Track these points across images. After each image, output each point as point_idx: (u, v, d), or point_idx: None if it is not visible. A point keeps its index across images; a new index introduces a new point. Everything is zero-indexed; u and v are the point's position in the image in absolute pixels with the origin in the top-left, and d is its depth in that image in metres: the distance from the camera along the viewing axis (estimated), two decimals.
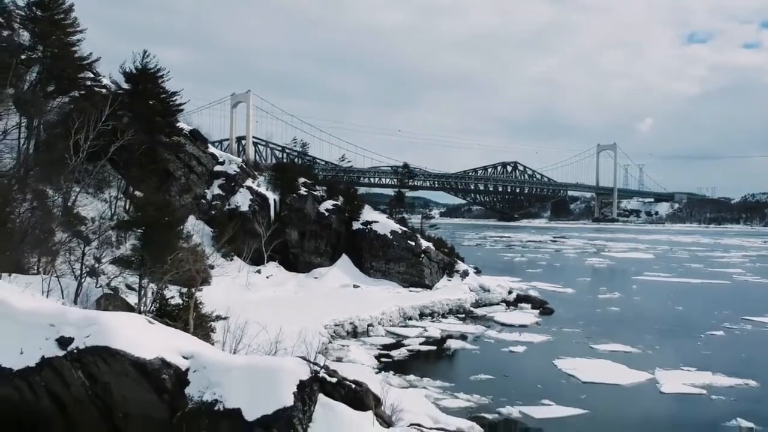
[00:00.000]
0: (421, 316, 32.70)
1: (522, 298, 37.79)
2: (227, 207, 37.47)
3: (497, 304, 36.81)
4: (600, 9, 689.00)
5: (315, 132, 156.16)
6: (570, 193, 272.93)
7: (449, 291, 36.45)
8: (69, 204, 29.53)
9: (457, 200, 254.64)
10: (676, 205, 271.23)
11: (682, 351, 25.94)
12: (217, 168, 38.99)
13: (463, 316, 33.94)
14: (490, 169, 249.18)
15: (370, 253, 38.63)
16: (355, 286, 36.15)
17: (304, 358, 10.38)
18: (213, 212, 37.06)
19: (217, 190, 38.07)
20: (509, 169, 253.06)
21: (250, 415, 9.34)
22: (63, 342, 10.32)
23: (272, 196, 38.66)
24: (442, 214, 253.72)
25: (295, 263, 38.30)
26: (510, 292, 38.75)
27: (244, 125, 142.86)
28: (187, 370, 10.13)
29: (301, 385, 9.52)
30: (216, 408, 9.56)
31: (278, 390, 9.40)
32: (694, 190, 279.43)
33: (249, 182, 38.92)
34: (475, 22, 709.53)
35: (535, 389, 19.94)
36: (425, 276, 37.73)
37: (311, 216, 39.10)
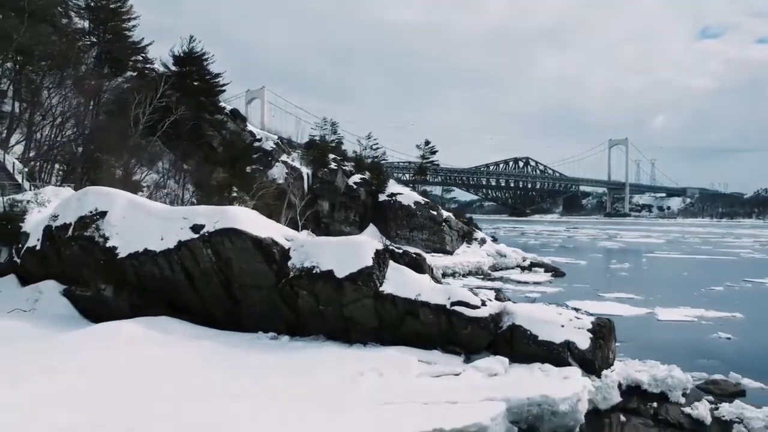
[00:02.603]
0: (444, 275, 35.97)
1: (535, 264, 40.94)
2: (265, 179, 40.86)
3: (513, 267, 40.07)
4: (616, 4, 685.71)
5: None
6: (582, 188, 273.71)
7: (469, 255, 39.74)
8: (128, 172, 33.25)
9: (469, 196, 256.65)
10: (688, 200, 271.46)
11: (682, 297, 28.95)
12: (255, 144, 42.45)
13: (482, 276, 37.21)
14: (502, 165, 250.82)
15: (395, 222, 41.99)
16: None
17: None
18: (254, 185, 40.49)
19: (255, 164, 41.47)
20: (521, 164, 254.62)
21: (340, 273, 12.71)
22: (196, 228, 13.71)
23: (305, 170, 42.10)
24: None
25: (327, 232, 41.61)
26: (524, 259, 41.93)
27: (259, 121, 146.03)
28: (289, 248, 13.52)
29: (377, 252, 12.91)
30: (314, 271, 12.94)
31: (361, 256, 12.77)
32: (706, 185, 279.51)
33: (284, 157, 42.36)
34: (489, 18, 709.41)
35: None
36: (446, 243, 41.01)
37: (341, 189, 42.53)
